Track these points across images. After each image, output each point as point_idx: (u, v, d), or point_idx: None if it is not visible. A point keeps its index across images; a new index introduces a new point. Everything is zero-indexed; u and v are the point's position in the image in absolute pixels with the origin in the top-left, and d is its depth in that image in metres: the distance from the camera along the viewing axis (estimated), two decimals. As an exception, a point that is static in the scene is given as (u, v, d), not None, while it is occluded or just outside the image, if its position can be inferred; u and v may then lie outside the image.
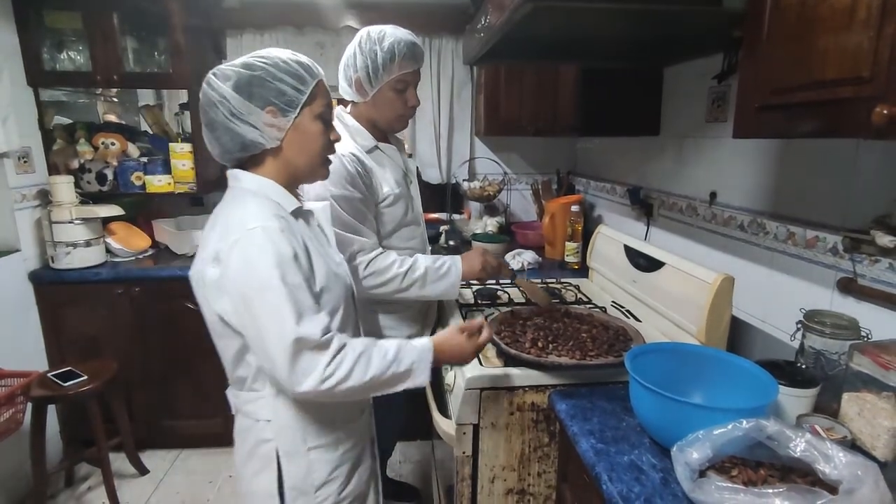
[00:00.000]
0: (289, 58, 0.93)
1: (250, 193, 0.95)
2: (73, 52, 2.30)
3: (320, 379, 0.87)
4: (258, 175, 0.96)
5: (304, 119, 0.95)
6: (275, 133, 0.93)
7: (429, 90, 2.65)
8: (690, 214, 1.70)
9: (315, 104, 0.95)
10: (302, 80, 0.93)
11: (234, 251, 0.86)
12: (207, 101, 0.92)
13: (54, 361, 2.22)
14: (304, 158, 0.97)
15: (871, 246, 1.04)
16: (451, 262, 1.40)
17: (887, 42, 0.67)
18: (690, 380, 1.04)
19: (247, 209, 0.90)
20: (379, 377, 0.93)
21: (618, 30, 1.31)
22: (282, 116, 0.92)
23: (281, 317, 0.85)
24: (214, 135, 0.94)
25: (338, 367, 0.88)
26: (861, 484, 0.64)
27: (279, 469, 0.97)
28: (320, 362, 0.87)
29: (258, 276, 0.85)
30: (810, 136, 0.83)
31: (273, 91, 0.91)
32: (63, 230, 2.16)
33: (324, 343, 0.88)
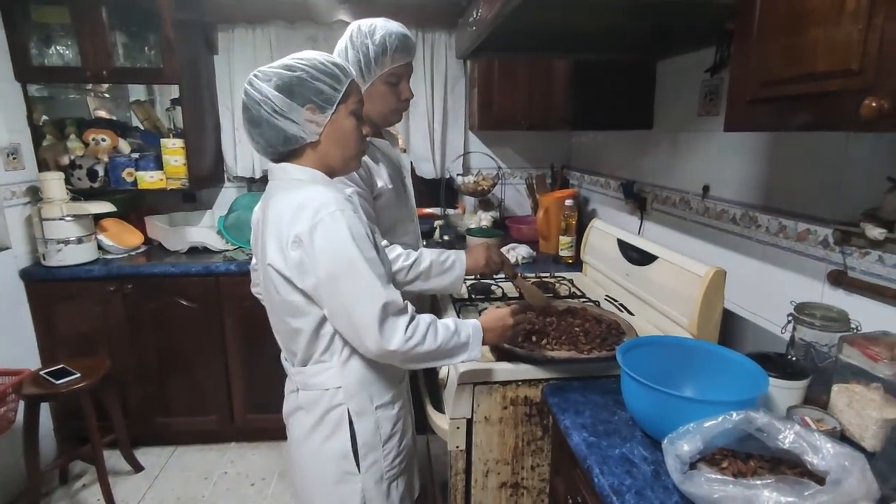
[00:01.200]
0: (325, 59, 1.01)
1: (306, 182, 1.02)
2: (61, 47, 2.27)
3: (403, 338, 0.97)
4: (306, 167, 1.04)
5: (340, 115, 1.02)
6: (314, 128, 1.01)
7: (422, 84, 2.64)
8: (683, 208, 1.70)
9: (349, 101, 1.03)
10: (338, 79, 1.01)
11: (317, 233, 0.94)
12: (251, 100, 0.99)
13: (47, 359, 2.21)
14: (340, 151, 1.05)
15: (861, 238, 1.04)
16: (456, 256, 1.40)
17: (876, 34, 0.67)
18: (682, 373, 1.05)
19: (315, 196, 0.98)
20: (445, 344, 1.02)
21: (610, 22, 1.31)
22: (320, 113, 1.00)
23: (370, 286, 0.95)
24: (258, 130, 1.01)
25: (415, 330, 0.99)
26: (848, 475, 0.65)
27: (352, 429, 1.07)
28: (401, 324, 0.98)
29: (345, 253, 0.95)
30: (801, 129, 0.83)
31: (312, 90, 0.99)
32: (54, 227, 2.14)
33: (404, 307, 0.99)
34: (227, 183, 2.75)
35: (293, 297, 1.01)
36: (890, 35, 0.65)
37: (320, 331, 1.04)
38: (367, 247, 0.97)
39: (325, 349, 1.06)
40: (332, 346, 1.06)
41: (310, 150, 1.04)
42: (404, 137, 2.72)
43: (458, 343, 1.05)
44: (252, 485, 2.19)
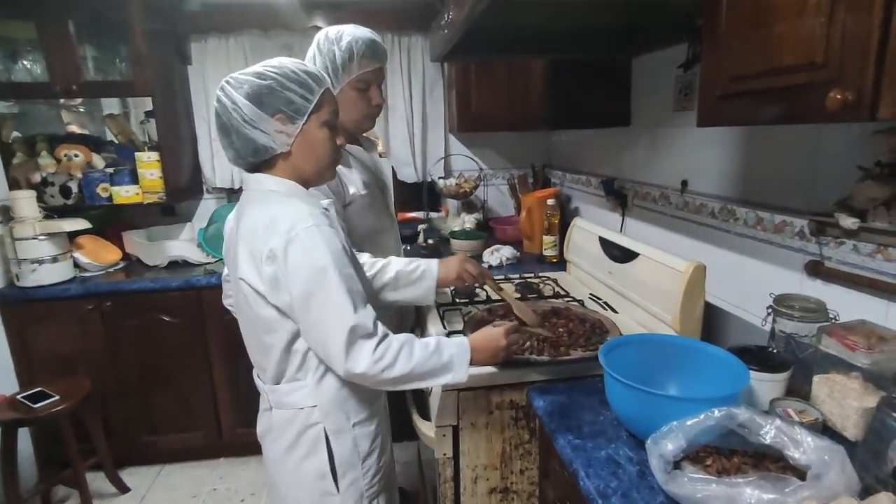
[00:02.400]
0: (297, 68, 0.98)
1: (279, 195, 1.00)
2: (28, 62, 2.23)
3: (371, 361, 0.94)
4: (280, 177, 1.01)
5: (312, 126, 1.00)
6: (284, 139, 0.98)
7: (400, 88, 2.63)
8: (663, 203, 1.71)
9: (322, 111, 1.01)
10: (309, 88, 0.98)
11: (292, 249, 0.92)
12: (222, 107, 0.97)
13: (25, 382, 2.16)
14: (312, 162, 1.02)
15: (836, 228, 1.05)
16: (427, 266, 1.33)
17: (838, 27, 0.67)
18: (665, 370, 1.04)
19: (293, 208, 0.96)
20: (421, 366, 0.99)
21: (581, 21, 1.31)
22: (290, 123, 0.98)
23: (341, 307, 0.93)
24: (229, 139, 0.99)
25: (385, 352, 0.96)
26: (828, 469, 0.65)
27: (329, 448, 1.04)
28: (369, 348, 0.95)
29: (319, 270, 0.92)
30: (770, 122, 0.83)
31: (282, 100, 0.96)
32: (27, 247, 2.09)
33: (372, 330, 0.96)
34: (206, 195, 2.71)
35: (266, 311, 0.98)
36: (852, 28, 0.65)
37: (292, 347, 1.01)
38: (343, 263, 0.95)
39: (298, 367, 1.03)
40: (305, 364, 1.03)
41: (282, 161, 1.01)
42: (384, 142, 2.71)
43: (439, 364, 1.01)
44: (242, 500, 2.16)
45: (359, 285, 0.98)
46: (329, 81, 1.03)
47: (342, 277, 0.94)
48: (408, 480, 2.22)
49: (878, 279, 0.99)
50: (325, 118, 1.01)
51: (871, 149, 0.97)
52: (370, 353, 0.94)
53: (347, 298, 0.93)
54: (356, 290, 0.96)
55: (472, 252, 2.32)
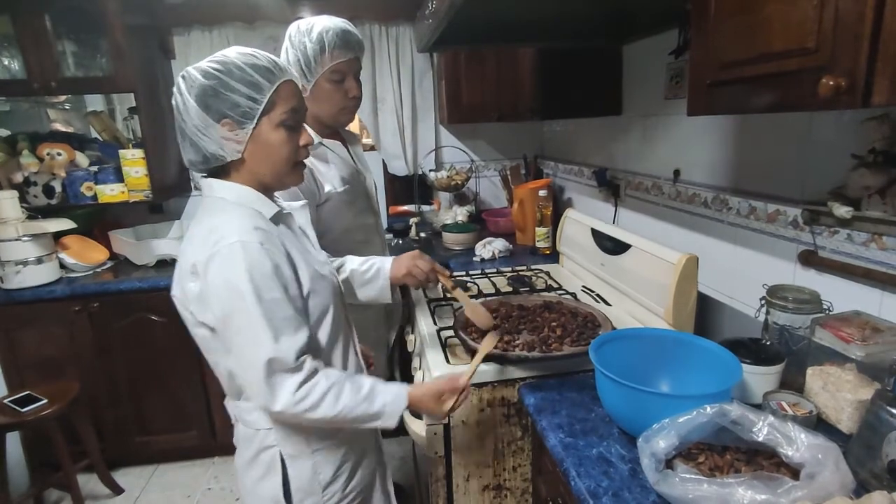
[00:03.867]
0: (245, 63, 0.87)
1: (228, 203, 0.91)
2: (5, 59, 2.17)
3: (292, 401, 0.86)
4: (233, 182, 0.93)
5: (264, 129, 0.89)
6: (233, 146, 0.89)
7: (389, 80, 2.58)
8: (656, 193, 1.68)
9: (275, 112, 0.89)
10: (257, 87, 0.87)
11: (212, 265, 0.84)
12: (175, 106, 0.90)
13: (13, 386, 2.13)
14: (268, 169, 0.93)
15: (830, 217, 1.03)
16: (380, 264, 1.28)
17: (831, 11, 0.64)
18: (657, 364, 1.03)
19: (225, 221, 0.87)
20: (348, 411, 0.90)
21: (568, 8, 1.27)
22: (239, 129, 0.88)
23: (257, 336, 0.84)
24: (183, 144, 0.92)
25: (310, 392, 0.87)
26: (822, 467, 0.63)
27: (284, 473, 0.97)
28: (291, 385, 0.86)
29: (236, 293, 0.83)
30: (762, 110, 0.80)
31: (227, 103, 0.86)
32: (10, 248, 2.05)
33: (297, 366, 0.87)
34: (193, 191, 2.67)
35: (198, 330, 0.91)
36: (845, 12, 0.62)
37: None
38: (268, 286, 0.85)
39: None
40: None
41: (235, 167, 0.92)
42: (374, 135, 2.67)
43: (369, 412, 0.92)
44: (237, 500, 2.15)
45: (288, 311, 0.87)
46: (289, 73, 0.91)
47: (262, 303, 0.84)
48: (403, 476, 2.22)
49: (873, 269, 0.97)
50: (281, 118, 0.90)
51: (865, 136, 0.95)
52: (290, 391, 0.86)
53: (267, 327, 0.84)
54: (283, 318, 0.86)
55: (464, 245, 2.30)
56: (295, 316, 0.88)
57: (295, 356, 0.86)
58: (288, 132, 0.91)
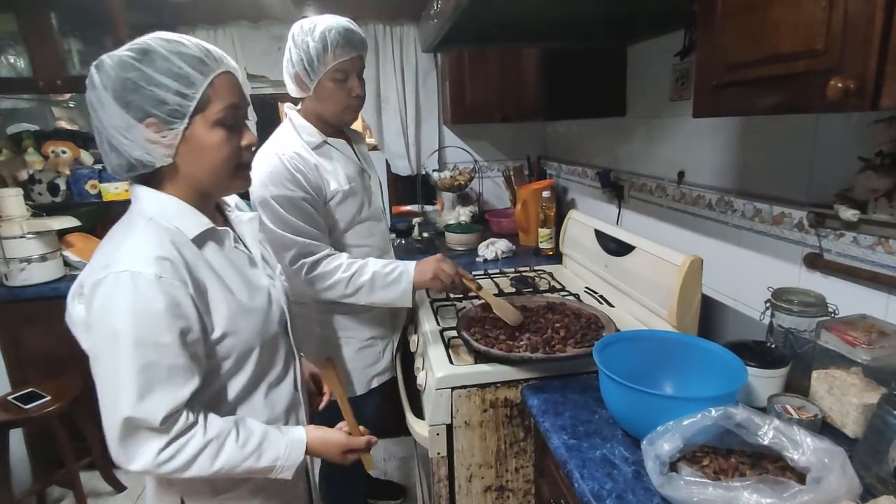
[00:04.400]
0: (170, 51, 0.75)
1: (144, 218, 0.78)
2: (11, 57, 2.18)
3: (153, 464, 0.75)
4: (162, 193, 0.81)
5: (198, 129, 0.78)
6: (162, 150, 0.77)
7: (393, 80, 2.58)
8: (660, 195, 1.68)
9: (210, 109, 0.78)
10: (187, 81, 0.75)
11: (97, 294, 0.72)
12: (88, 103, 0.76)
13: (16, 383, 2.13)
14: (206, 175, 0.81)
15: (836, 220, 1.03)
16: (404, 267, 1.30)
17: (840, 12, 0.64)
18: (661, 367, 1.02)
19: (127, 242, 0.75)
20: (230, 468, 0.80)
21: (574, 8, 1.27)
22: (167, 130, 0.76)
23: (118, 388, 0.72)
24: (101, 148, 0.79)
25: (176, 454, 0.76)
26: (828, 472, 0.63)
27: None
28: (153, 447, 0.75)
29: (110, 332, 0.72)
30: (768, 112, 0.80)
31: (151, 100, 0.74)
32: (15, 246, 2.05)
33: (163, 428, 0.75)
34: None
35: None
36: (854, 13, 0.62)
37: None
38: (153, 329, 0.72)
39: None
40: None
41: (167, 174, 0.80)
42: (377, 135, 2.67)
43: (254, 468, 0.83)
44: (238, 498, 2.15)
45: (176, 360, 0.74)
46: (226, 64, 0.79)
47: (140, 348, 0.71)
48: (405, 476, 2.22)
49: (879, 272, 0.96)
50: (217, 117, 0.78)
51: (872, 139, 0.94)
52: (152, 454, 0.74)
53: (134, 381, 0.71)
54: (165, 367, 0.73)
55: (467, 246, 2.29)
56: (184, 365, 0.75)
57: (163, 417, 0.73)
58: (227, 132, 0.80)
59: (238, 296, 0.85)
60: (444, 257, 1.34)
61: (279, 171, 1.24)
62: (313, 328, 1.42)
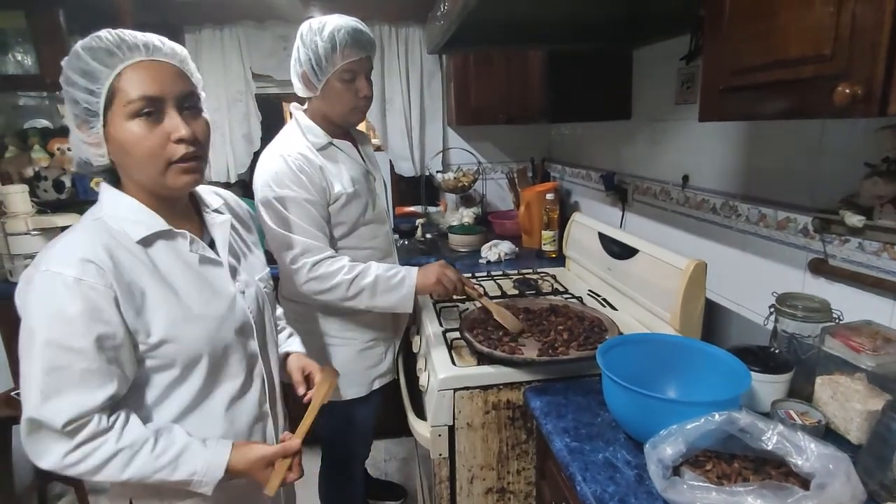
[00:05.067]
0: (83, 47, 0.74)
1: (91, 218, 0.80)
2: (19, 54, 2.19)
3: (59, 466, 0.75)
4: (122, 193, 0.81)
5: (115, 124, 0.75)
6: (93, 151, 0.77)
7: (398, 81, 2.59)
8: (664, 199, 1.68)
9: (118, 102, 0.74)
10: (92, 76, 0.73)
11: (25, 290, 0.74)
12: None
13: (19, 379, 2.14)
14: (137, 172, 0.79)
15: (841, 226, 1.02)
16: (406, 272, 1.31)
17: (848, 18, 0.64)
18: (664, 370, 1.02)
19: (60, 242, 0.76)
20: (142, 477, 0.78)
21: (580, 10, 1.27)
22: (88, 129, 0.75)
23: (27, 389, 0.73)
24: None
25: (83, 459, 0.75)
26: (833, 478, 0.63)
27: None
28: (58, 449, 0.74)
29: (27, 329, 0.73)
30: (775, 117, 0.80)
31: (70, 101, 0.75)
32: (20, 242, 2.06)
33: (67, 432, 0.73)
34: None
35: None
36: (862, 18, 0.62)
37: None
38: (64, 332, 0.72)
39: None
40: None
41: (121, 175, 0.81)
42: (381, 136, 2.67)
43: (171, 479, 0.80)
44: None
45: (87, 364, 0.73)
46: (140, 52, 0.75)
47: (48, 350, 0.71)
48: (405, 476, 2.22)
49: (885, 278, 0.96)
50: (132, 108, 0.74)
51: (879, 145, 0.94)
52: (58, 455, 0.74)
53: (39, 383, 0.71)
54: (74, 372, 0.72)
55: (470, 247, 2.29)
56: (99, 370, 0.74)
57: (65, 421, 0.72)
58: (146, 123, 0.75)
59: (185, 300, 0.82)
60: (446, 263, 1.35)
61: (283, 172, 1.24)
62: (315, 329, 1.42)
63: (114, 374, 0.76)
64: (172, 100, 0.78)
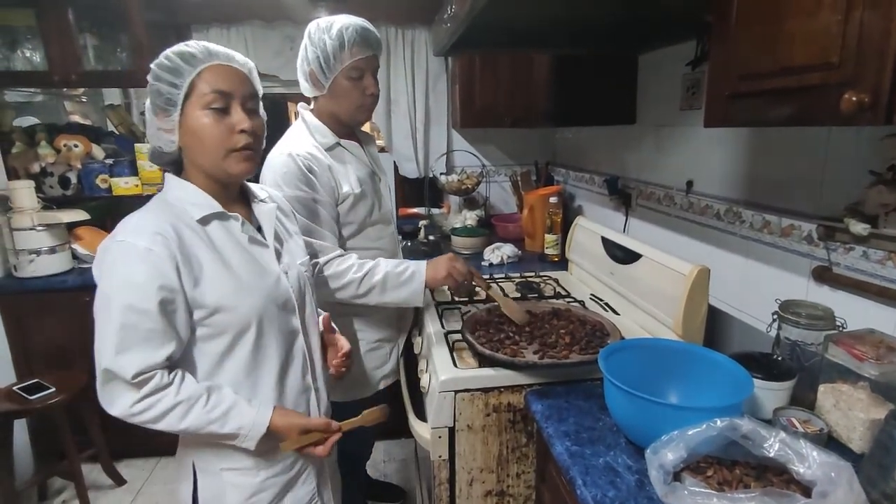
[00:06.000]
0: (174, 52, 0.88)
1: (160, 200, 0.93)
2: (28, 51, 2.20)
3: (127, 413, 0.85)
4: (184, 180, 0.94)
5: (190, 113, 0.88)
6: (167, 136, 0.90)
7: (403, 82, 2.59)
8: (668, 204, 1.68)
9: (195, 95, 0.87)
10: (177, 72, 0.87)
11: (102, 258, 0.85)
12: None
13: (22, 374, 2.15)
14: (202, 157, 0.91)
15: (845, 234, 1.02)
16: (415, 267, 1.32)
17: (855, 26, 0.64)
18: (666, 376, 1.02)
19: (134, 217, 0.89)
20: (196, 430, 0.88)
21: (587, 15, 1.27)
22: (166, 117, 0.89)
23: (103, 343, 0.84)
24: None
25: (147, 409, 0.85)
26: (835, 486, 0.62)
27: (195, 483, 0.96)
28: (127, 399, 0.85)
29: (103, 290, 0.84)
30: (781, 124, 0.80)
31: (155, 93, 0.88)
32: (25, 237, 2.07)
33: (136, 383, 0.84)
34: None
35: None
36: (869, 27, 0.62)
37: None
38: (134, 295, 0.82)
39: None
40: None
41: (187, 164, 0.94)
42: (386, 137, 2.68)
43: (218, 433, 0.89)
44: (238, 495, 2.15)
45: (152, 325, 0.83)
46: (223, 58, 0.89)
47: (120, 310, 0.82)
48: (404, 478, 2.21)
49: (889, 287, 0.96)
50: (207, 100, 0.87)
51: (884, 153, 0.94)
52: (126, 404, 0.84)
53: (113, 337, 0.82)
54: (142, 330, 0.83)
55: (473, 249, 2.30)
56: (162, 331, 0.84)
57: (133, 374, 0.82)
58: (215, 114, 0.88)
59: (237, 273, 0.93)
60: (455, 256, 1.36)
61: (292, 172, 1.25)
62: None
63: (172, 336, 0.87)
64: (239, 97, 0.91)
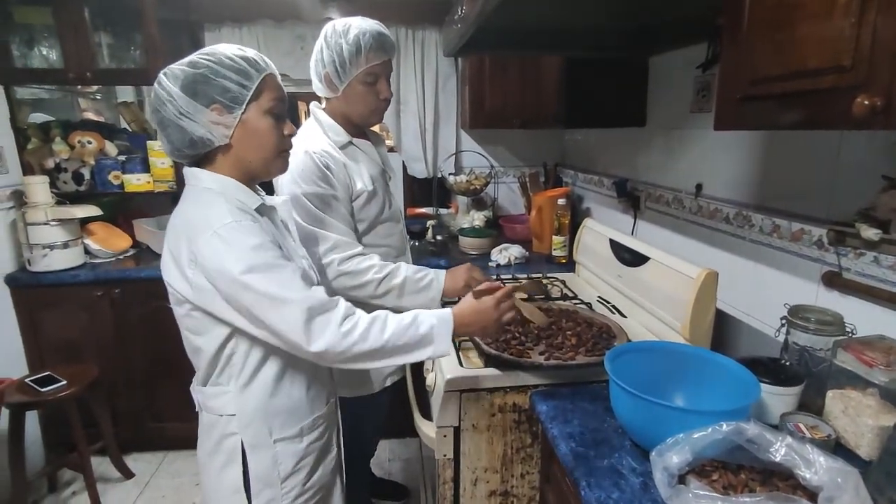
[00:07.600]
0: (234, 53, 0.92)
1: (212, 192, 0.95)
2: (44, 49, 2.24)
3: (338, 335, 0.90)
4: (216, 173, 0.96)
5: (252, 115, 0.94)
6: (222, 131, 0.93)
7: (413, 83, 2.60)
8: (677, 207, 1.67)
9: (262, 99, 0.94)
10: (247, 75, 0.92)
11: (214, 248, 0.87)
12: (157, 100, 0.93)
13: (35, 366, 2.18)
14: (255, 154, 0.97)
15: (856, 239, 1.01)
16: (434, 275, 1.32)
17: (868, 29, 0.63)
18: (673, 379, 1.02)
19: (215, 207, 0.91)
20: (396, 339, 0.94)
21: (598, 17, 1.28)
22: (227, 114, 0.92)
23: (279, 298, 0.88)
24: (165, 133, 0.94)
25: (352, 329, 0.91)
26: (841, 492, 0.62)
27: (244, 462, 0.99)
28: (333, 321, 0.91)
29: (231, 275, 0.87)
30: (792, 127, 0.80)
31: (217, 88, 0.91)
32: (39, 232, 2.10)
33: (332, 303, 0.93)
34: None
35: (195, 314, 0.95)
36: (883, 30, 0.62)
37: (222, 352, 0.97)
38: (270, 254, 0.90)
39: (221, 371, 0.98)
40: (228, 369, 0.98)
41: (221, 155, 0.96)
42: (395, 137, 2.69)
43: (417, 336, 0.95)
44: (244, 491, 2.17)
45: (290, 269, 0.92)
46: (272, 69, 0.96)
47: (268, 269, 0.89)
48: (408, 477, 2.22)
49: (900, 293, 0.95)
50: (268, 106, 0.95)
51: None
52: (335, 327, 0.90)
53: (290, 280, 0.90)
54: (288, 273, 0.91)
55: (480, 250, 2.30)
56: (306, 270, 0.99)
57: (325, 298, 0.92)
58: (275, 120, 0.96)
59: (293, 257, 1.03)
60: (473, 265, 1.35)
61: (310, 168, 1.26)
62: None
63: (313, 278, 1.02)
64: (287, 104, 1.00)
